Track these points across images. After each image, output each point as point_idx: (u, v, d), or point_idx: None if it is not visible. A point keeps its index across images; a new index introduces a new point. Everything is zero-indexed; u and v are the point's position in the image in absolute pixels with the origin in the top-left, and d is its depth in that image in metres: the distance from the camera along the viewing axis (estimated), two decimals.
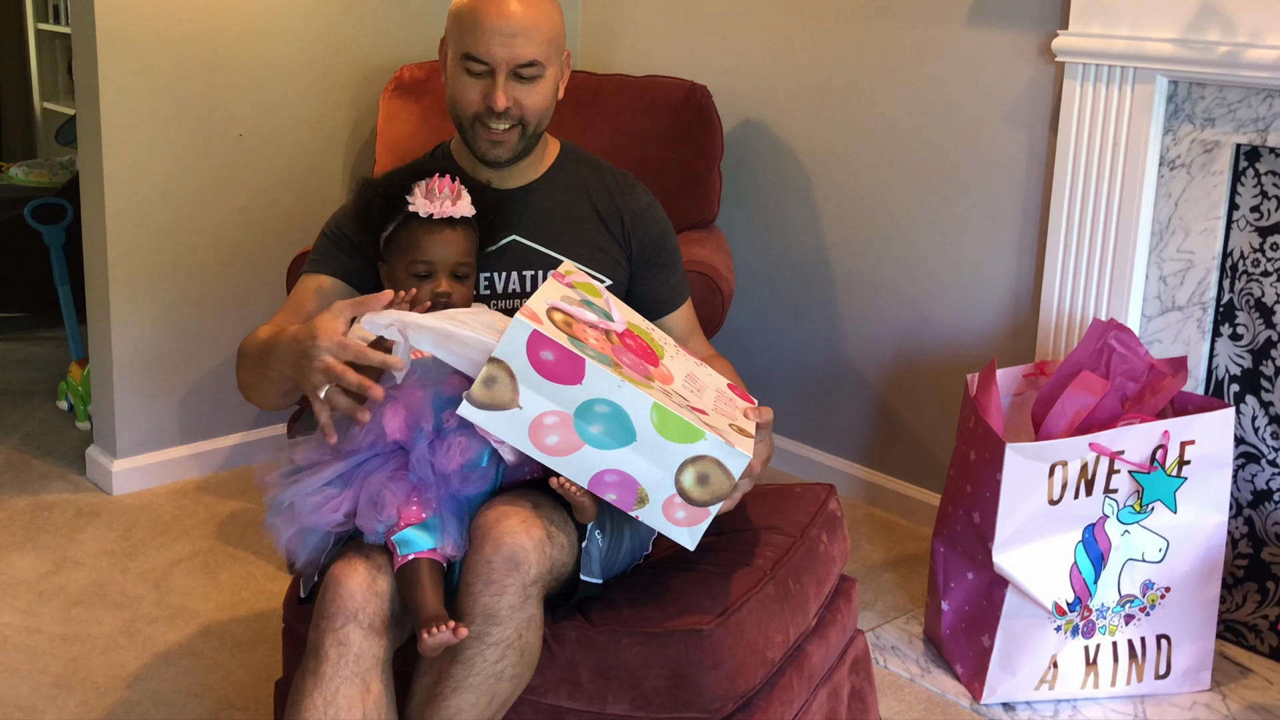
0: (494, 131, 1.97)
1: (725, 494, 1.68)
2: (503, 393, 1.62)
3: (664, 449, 1.64)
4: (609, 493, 1.67)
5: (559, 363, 1.60)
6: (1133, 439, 2.31)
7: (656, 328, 1.90)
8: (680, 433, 1.63)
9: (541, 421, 1.63)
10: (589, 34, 3.78)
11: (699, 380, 1.80)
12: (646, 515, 1.68)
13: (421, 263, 1.85)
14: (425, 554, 1.70)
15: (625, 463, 1.64)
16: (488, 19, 1.92)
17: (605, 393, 1.61)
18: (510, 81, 1.94)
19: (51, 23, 5.55)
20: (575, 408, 1.62)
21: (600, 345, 1.68)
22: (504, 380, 1.61)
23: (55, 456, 3.46)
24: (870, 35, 3.12)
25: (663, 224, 2.11)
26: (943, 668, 2.56)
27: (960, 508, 2.45)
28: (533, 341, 1.60)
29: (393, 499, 1.71)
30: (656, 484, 1.66)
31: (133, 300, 3.19)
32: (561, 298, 1.72)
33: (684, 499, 1.66)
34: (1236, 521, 2.65)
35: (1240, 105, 2.52)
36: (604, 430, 1.63)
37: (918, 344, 3.15)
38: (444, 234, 1.85)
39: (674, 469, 1.65)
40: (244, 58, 3.24)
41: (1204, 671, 2.48)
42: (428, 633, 1.62)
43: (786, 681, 1.92)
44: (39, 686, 2.44)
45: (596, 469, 1.65)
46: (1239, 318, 2.63)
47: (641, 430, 1.63)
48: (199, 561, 2.93)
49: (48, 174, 4.61)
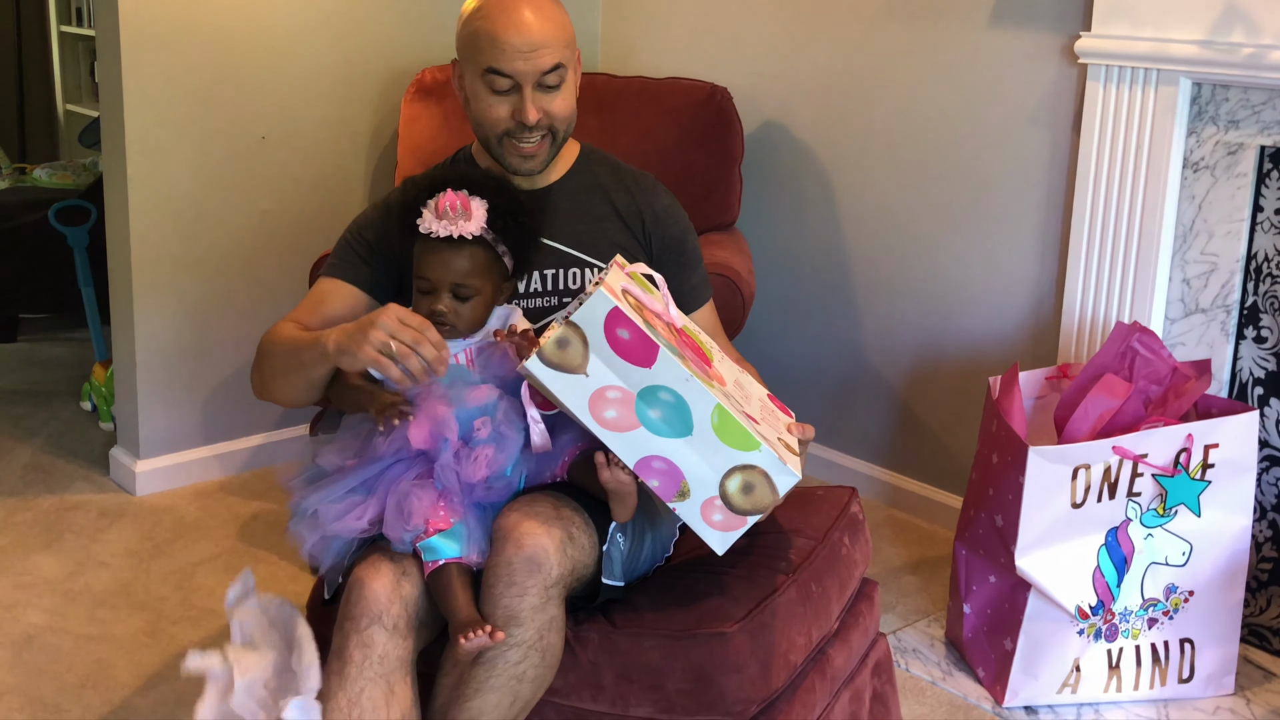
0: (525, 146, 1.96)
1: (766, 508, 1.68)
2: (573, 357, 1.62)
3: (718, 450, 1.64)
4: (653, 479, 1.67)
5: (634, 343, 1.62)
6: (1156, 442, 2.31)
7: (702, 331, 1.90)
8: (737, 439, 1.64)
9: (604, 394, 1.63)
10: (609, 36, 3.78)
11: (745, 388, 1.81)
12: (684, 510, 1.68)
13: (422, 279, 1.84)
14: (453, 560, 1.70)
15: (676, 454, 1.65)
16: (506, 35, 1.91)
17: (672, 382, 1.62)
18: (536, 92, 1.93)
19: (74, 25, 5.58)
20: (640, 389, 1.63)
21: (668, 336, 1.68)
22: (577, 345, 1.62)
23: (79, 457, 3.48)
24: (891, 37, 3.12)
25: (683, 224, 2.11)
26: (964, 671, 2.56)
27: (983, 511, 2.45)
28: (611, 316, 1.61)
29: (419, 507, 1.71)
30: (702, 482, 1.66)
31: (156, 301, 3.20)
32: (626, 285, 1.72)
33: (725, 503, 1.67)
34: (1260, 525, 2.64)
35: (1265, 107, 2.51)
36: (663, 417, 1.64)
37: (939, 346, 3.14)
38: (443, 254, 1.82)
39: (722, 471, 1.65)
40: (267, 61, 3.25)
41: (1228, 676, 2.47)
42: (464, 637, 1.63)
43: (809, 685, 1.92)
44: (64, 686, 2.46)
45: (646, 453, 1.65)
46: (1263, 320, 2.61)
47: (700, 426, 1.63)
48: (222, 562, 2.95)
49: (71, 176, 4.64)
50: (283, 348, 1.87)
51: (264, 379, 1.93)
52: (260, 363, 1.94)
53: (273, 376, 1.91)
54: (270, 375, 1.92)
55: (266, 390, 1.94)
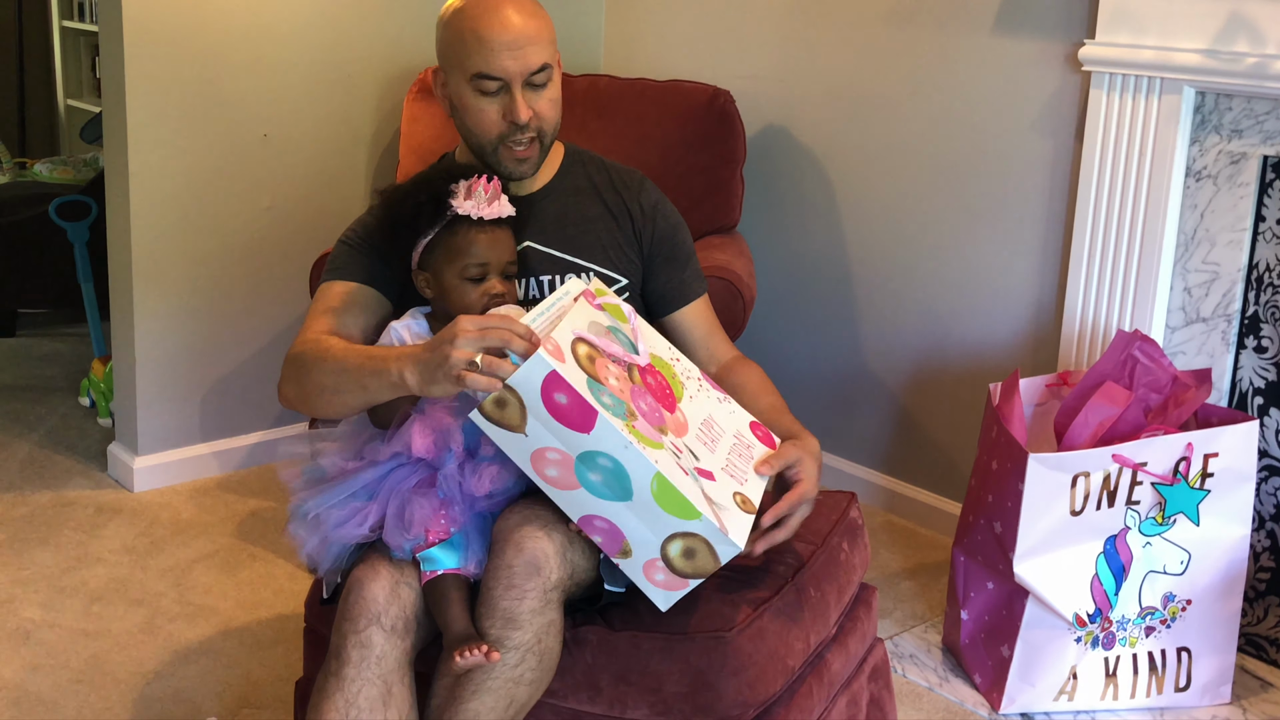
0: (518, 149, 1.95)
1: (708, 573, 1.67)
2: (511, 416, 1.61)
3: (657, 516, 1.63)
4: (596, 535, 1.67)
5: (571, 408, 1.59)
6: (1156, 451, 2.31)
7: (684, 357, 1.86)
8: (677, 507, 1.62)
9: (544, 454, 1.62)
10: (612, 38, 3.78)
11: (716, 426, 1.78)
12: (627, 566, 1.68)
13: (476, 265, 1.81)
14: (451, 570, 1.70)
15: (617, 516, 1.64)
16: (492, 35, 1.89)
17: (610, 448, 1.60)
18: (526, 91, 1.92)
19: (76, 20, 5.58)
20: (579, 453, 1.61)
21: (620, 384, 1.66)
22: (514, 406, 1.60)
23: (77, 453, 3.48)
24: (895, 42, 3.12)
25: (673, 219, 2.10)
26: (961, 677, 2.56)
27: (981, 517, 2.45)
28: (549, 381, 1.58)
29: (420, 516, 1.71)
30: (643, 543, 1.65)
31: (156, 298, 3.20)
32: (589, 324, 1.69)
33: (666, 565, 1.66)
34: (1259, 535, 2.64)
35: (1268, 117, 2.51)
36: (603, 481, 1.62)
37: (939, 352, 3.14)
38: (494, 234, 1.83)
39: (663, 536, 1.64)
40: (270, 58, 3.25)
41: (1224, 685, 2.47)
42: (460, 655, 1.62)
43: (806, 689, 1.92)
44: (59, 682, 2.46)
45: (587, 511, 1.65)
46: (1264, 330, 2.62)
47: (639, 493, 1.62)
48: (219, 559, 2.94)
49: (72, 171, 4.64)
50: (335, 367, 1.77)
51: (305, 394, 1.82)
52: (298, 377, 1.82)
53: (319, 393, 1.80)
54: (315, 392, 1.80)
55: (307, 404, 1.83)
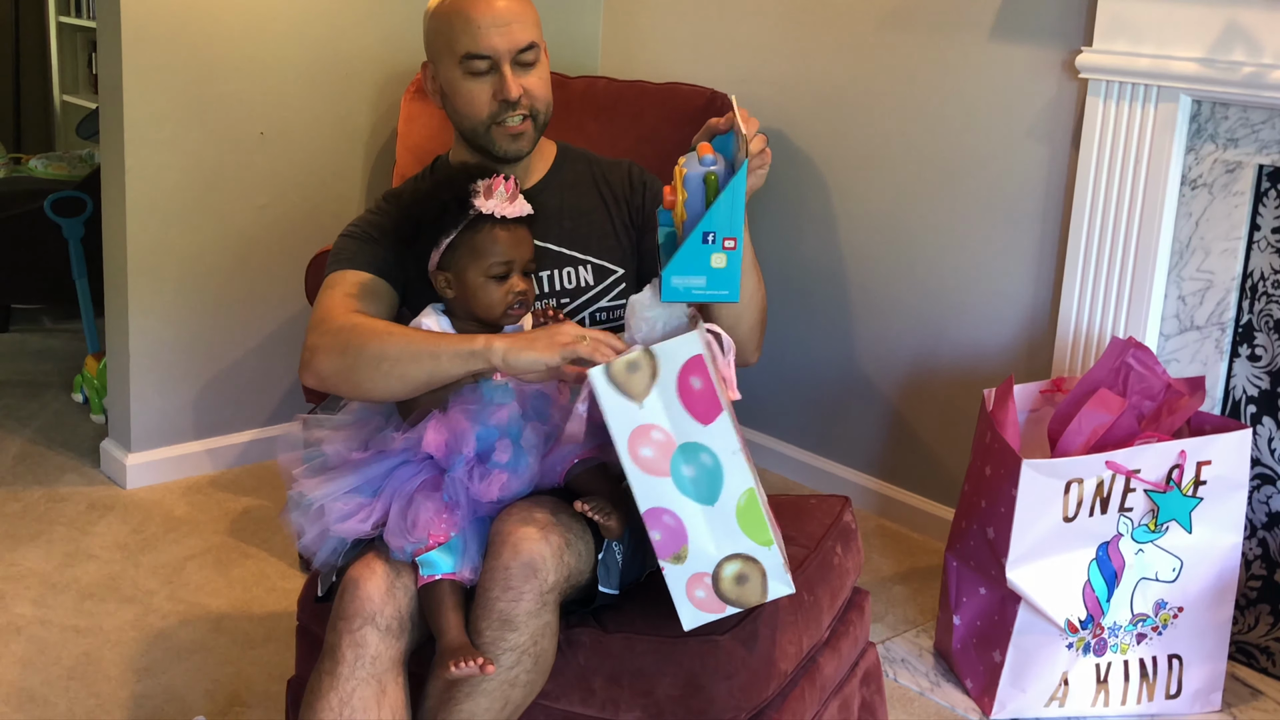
0: (511, 126, 1.97)
1: (748, 605, 1.65)
2: (637, 384, 1.57)
3: (730, 530, 1.60)
4: (656, 531, 1.62)
5: (701, 396, 1.56)
6: (1149, 458, 2.31)
7: None
8: (754, 528, 1.60)
9: (648, 431, 1.58)
10: (610, 41, 3.79)
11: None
12: (672, 573, 1.63)
13: (500, 263, 1.80)
14: (447, 576, 1.70)
15: (690, 518, 1.61)
16: (478, 13, 1.94)
17: (720, 449, 1.57)
18: (515, 69, 1.96)
19: (73, 16, 5.57)
20: (684, 441, 1.58)
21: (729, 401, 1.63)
22: (645, 374, 1.56)
23: (70, 449, 3.47)
24: (892, 47, 3.12)
25: (659, 185, 2.11)
26: (953, 682, 2.56)
27: (974, 522, 2.45)
28: (693, 362, 1.56)
29: (425, 519, 1.70)
30: (701, 554, 1.62)
31: (151, 295, 3.20)
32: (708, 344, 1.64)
33: (713, 584, 1.63)
34: (1250, 543, 2.65)
35: (1264, 126, 2.51)
36: (694, 477, 1.59)
37: (933, 357, 3.15)
38: (517, 232, 1.83)
39: (725, 553, 1.61)
40: (267, 56, 3.25)
41: (1215, 692, 2.47)
42: (454, 665, 1.62)
43: (798, 693, 1.92)
44: (50, 678, 2.45)
45: (662, 504, 1.61)
46: (1258, 339, 2.62)
47: (723, 502, 1.59)
48: (212, 557, 2.94)
49: (67, 167, 4.63)
50: (401, 338, 1.74)
51: (354, 365, 1.74)
52: (346, 349, 1.75)
53: (376, 364, 1.72)
54: (372, 362, 1.73)
55: (351, 378, 1.76)
